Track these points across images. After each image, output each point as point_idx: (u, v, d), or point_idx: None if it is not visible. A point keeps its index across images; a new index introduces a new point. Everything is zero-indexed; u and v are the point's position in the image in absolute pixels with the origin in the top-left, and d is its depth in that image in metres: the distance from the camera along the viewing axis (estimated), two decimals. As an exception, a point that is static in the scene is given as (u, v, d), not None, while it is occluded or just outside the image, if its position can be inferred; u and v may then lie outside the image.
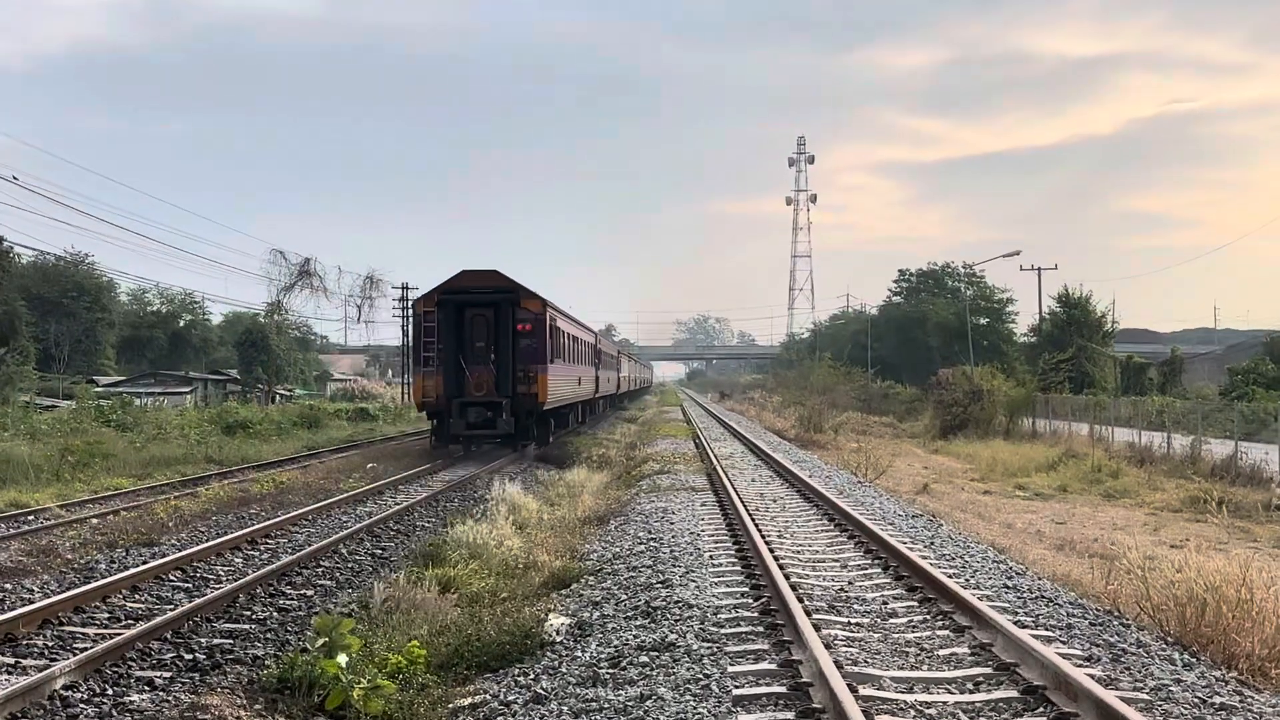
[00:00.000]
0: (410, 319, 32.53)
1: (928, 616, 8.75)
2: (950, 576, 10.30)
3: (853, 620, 8.64)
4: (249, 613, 10.62)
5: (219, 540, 14.25)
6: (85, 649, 8.88)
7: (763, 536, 12.74)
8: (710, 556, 11.85)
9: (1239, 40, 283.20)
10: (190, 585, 11.97)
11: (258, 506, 18.58)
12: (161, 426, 32.83)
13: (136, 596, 11.15)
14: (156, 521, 16.47)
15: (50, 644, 9.09)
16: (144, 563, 12.93)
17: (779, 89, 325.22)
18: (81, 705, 7.53)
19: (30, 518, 16.95)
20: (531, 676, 7.66)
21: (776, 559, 11.21)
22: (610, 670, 7.44)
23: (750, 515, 14.61)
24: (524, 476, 23.54)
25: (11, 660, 8.57)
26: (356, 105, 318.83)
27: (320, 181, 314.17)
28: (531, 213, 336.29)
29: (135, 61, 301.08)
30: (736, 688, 6.78)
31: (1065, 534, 18.24)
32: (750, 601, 9.35)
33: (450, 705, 7.30)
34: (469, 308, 26.70)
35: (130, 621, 10.03)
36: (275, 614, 10.67)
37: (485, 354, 26.80)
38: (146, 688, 7.96)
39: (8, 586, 11.62)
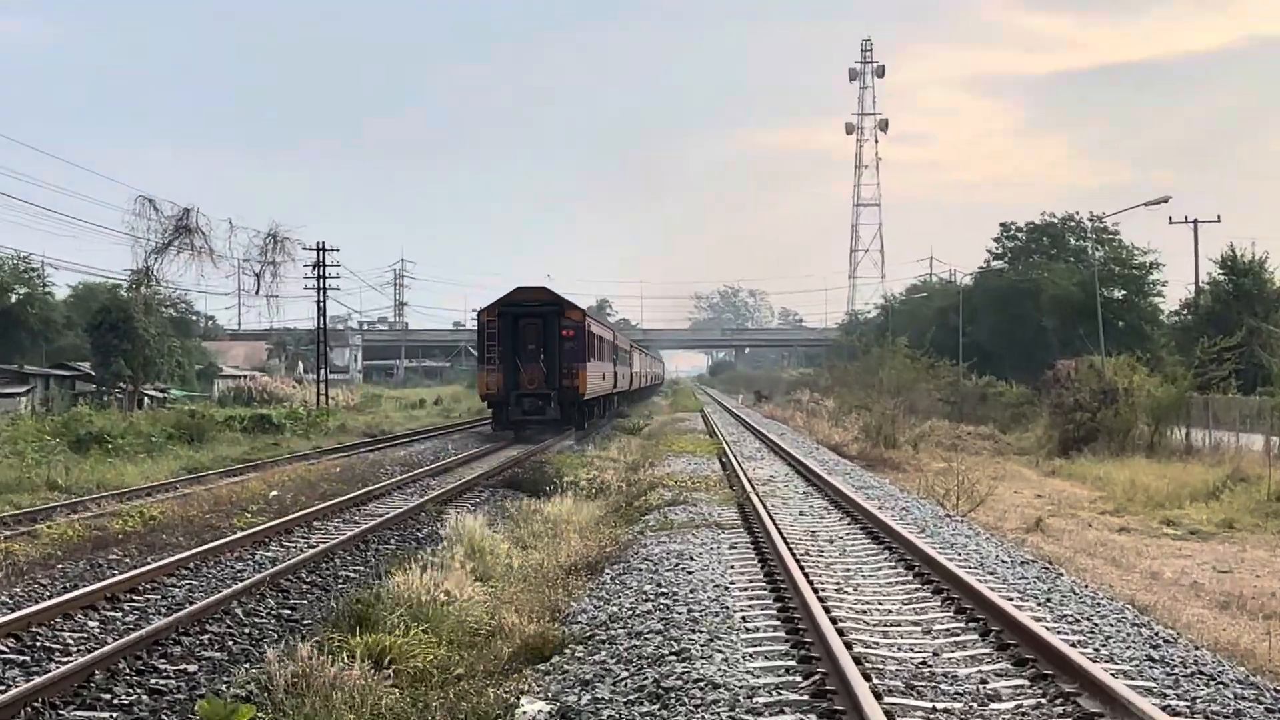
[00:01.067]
0: (476, 327, 49.98)
1: (1043, 700, 8.81)
2: (1073, 645, 10.35)
3: (939, 706, 8.69)
4: (108, 696, 10.65)
5: (67, 597, 14.31)
6: None
7: (815, 590, 12.81)
8: (743, 618, 11.94)
9: None
10: (27, 658, 12.02)
11: (120, 550, 18.72)
12: (-15, 440, 33.08)
13: (-50, 675, 11.24)
14: (-21, 571, 16.55)
15: None
16: (-41, 628, 13.00)
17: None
18: None
19: None
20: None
21: (834, 620, 11.29)
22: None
23: (798, 561, 14.69)
24: (488, 508, 23.73)
25: None
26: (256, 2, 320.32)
27: (205, 106, 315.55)
28: (501, 149, 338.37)
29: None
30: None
31: (1232, 587, 18.06)
32: (798, 680, 9.41)
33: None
34: (522, 317, 45.48)
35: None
36: (145, 698, 10.70)
37: (536, 355, 45.26)
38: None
39: None
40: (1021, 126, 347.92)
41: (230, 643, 12.97)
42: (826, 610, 11.74)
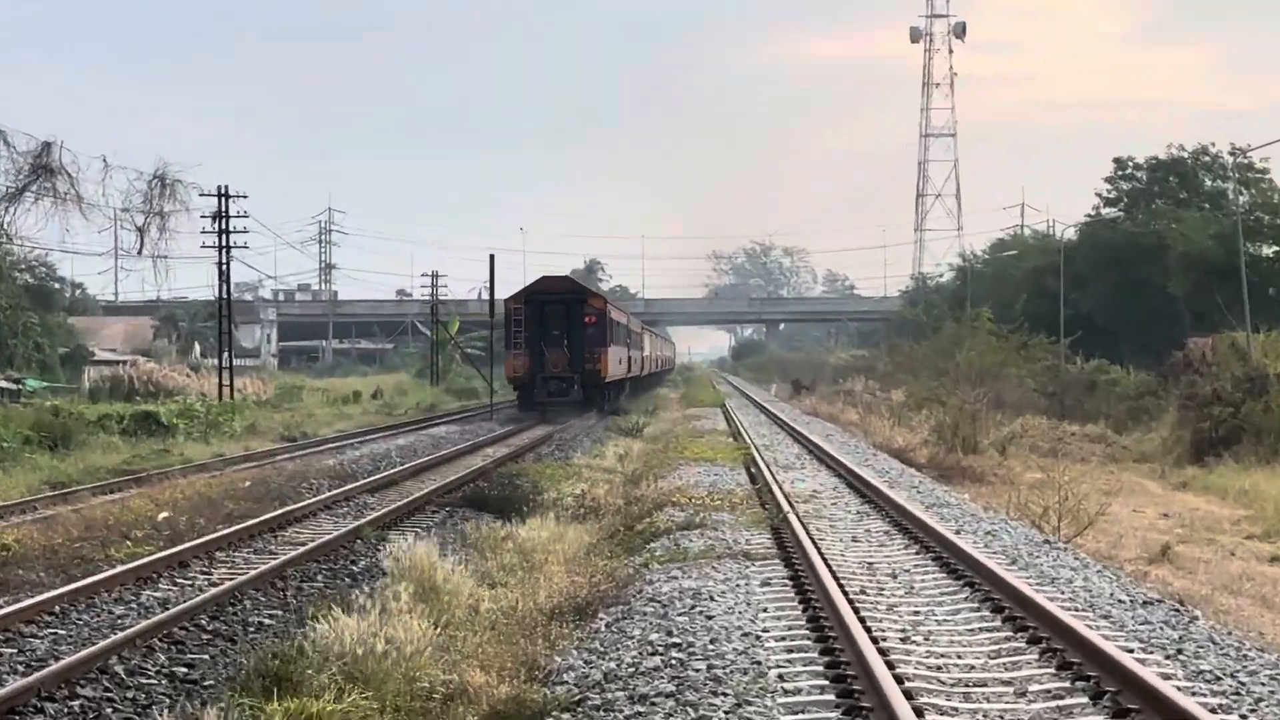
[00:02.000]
0: (504, 314, 63.77)
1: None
2: (1215, 711, 10.32)
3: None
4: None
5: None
6: None
7: (874, 639, 12.80)
8: (779, 675, 11.94)
9: None
10: None
11: (-39, 590, 18.54)
12: None
13: None
14: None
15: None
16: None
17: None
18: None
19: None
20: None
21: (899, 680, 11.26)
22: None
23: (851, 601, 14.68)
24: (445, 533, 23.67)
25: None
26: None
27: (72, 8, 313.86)
28: (469, 72, 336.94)
29: None
30: None
31: None
32: (853, 759, 9.36)
33: None
34: (548, 304, 61.37)
35: None
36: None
37: (560, 340, 60.68)
38: None
39: None
40: (1142, 29, 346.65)
41: (110, 710, 12.91)
42: (890, 666, 11.72)
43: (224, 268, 70.57)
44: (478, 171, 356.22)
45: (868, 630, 13.17)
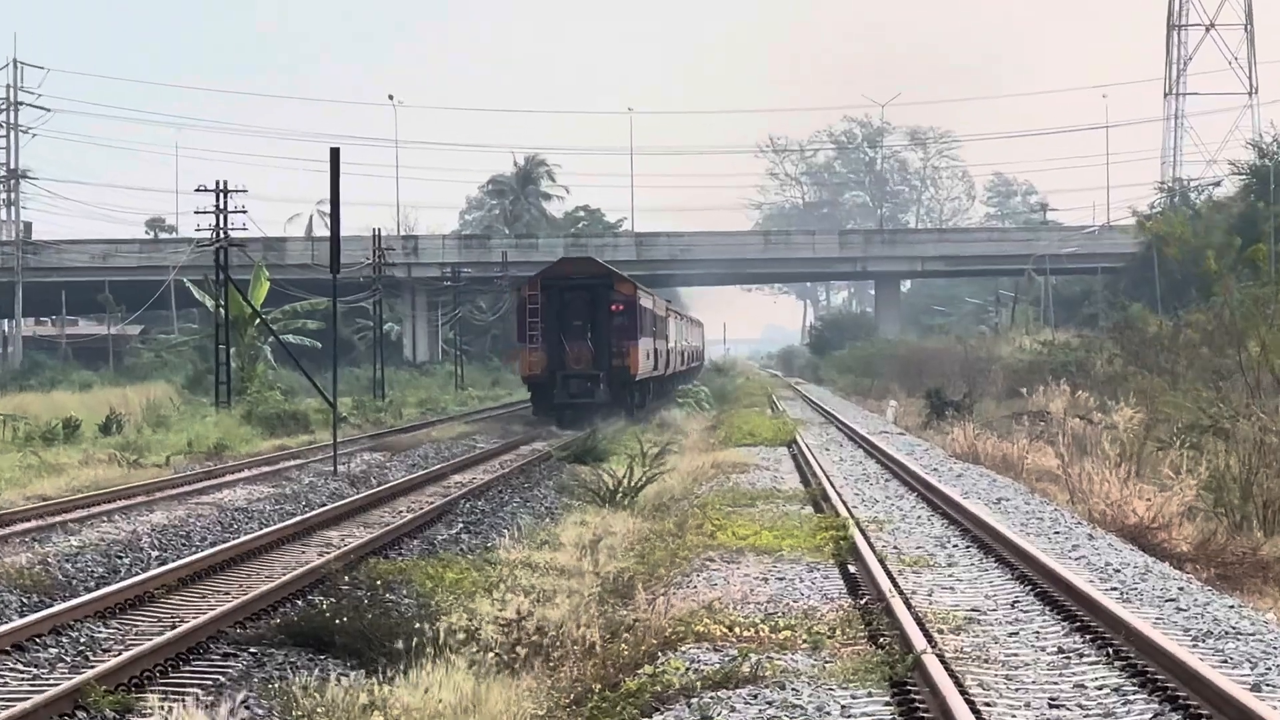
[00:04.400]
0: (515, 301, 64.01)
1: None
2: None
3: None
4: None
5: None
6: None
7: None
8: None
9: None
10: None
11: None
12: None
13: None
14: None
15: None
16: None
17: None
18: None
19: None
20: None
21: None
22: None
23: None
24: (251, 693, 16.26)
25: None
26: None
27: None
28: None
29: None
30: None
31: None
32: None
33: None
34: (567, 291, 59.14)
35: None
36: None
37: (583, 332, 58.60)
38: None
39: None
40: None
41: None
42: None
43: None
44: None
45: None
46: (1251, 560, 25.15)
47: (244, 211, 63.56)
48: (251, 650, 18.59)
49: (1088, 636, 17.38)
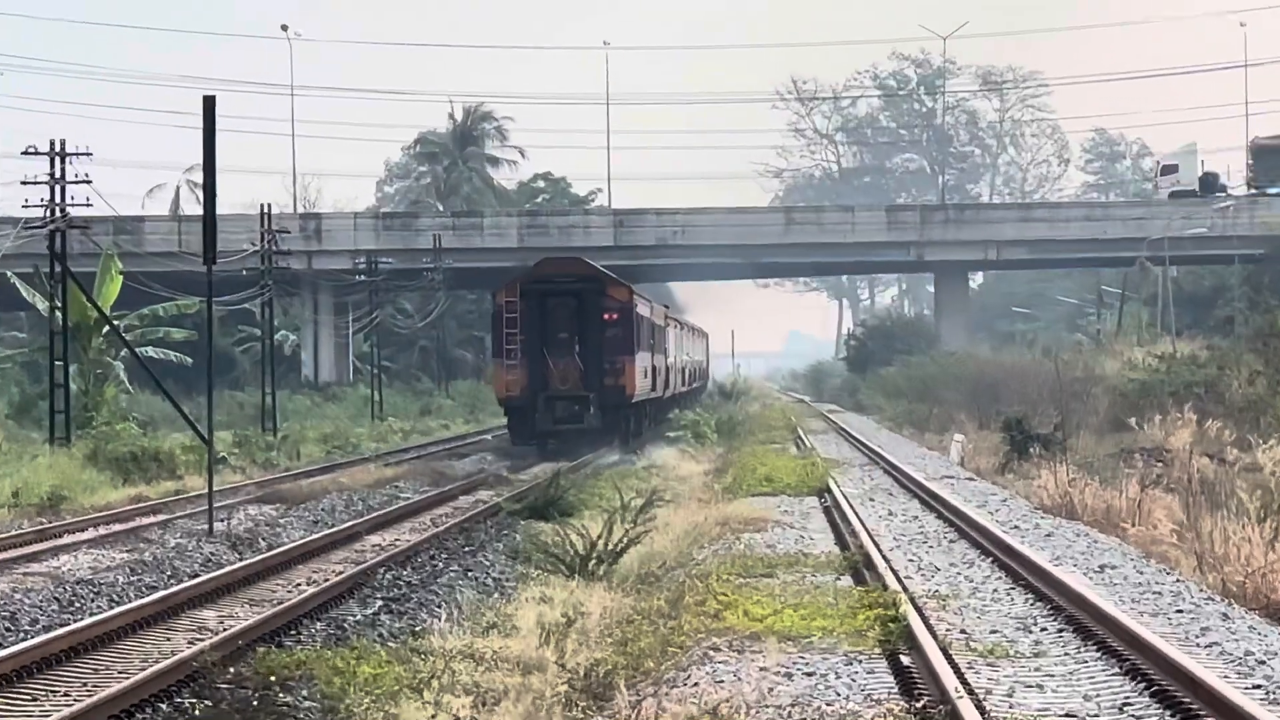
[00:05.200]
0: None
1: None
2: None
3: None
4: None
5: None
6: None
7: None
8: None
9: None
10: None
11: None
12: None
13: None
14: None
15: None
16: None
17: None
18: None
19: None
20: None
21: None
22: None
23: None
24: None
25: None
26: None
27: None
28: None
29: None
30: None
31: None
32: None
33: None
34: (551, 297, 52.81)
35: None
36: None
37: (569, 345, 52.39)
38: None
39: None
40: None
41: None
42: None
43: None
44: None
45: None
46: None
47: (88, 181, 50.47)
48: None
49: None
